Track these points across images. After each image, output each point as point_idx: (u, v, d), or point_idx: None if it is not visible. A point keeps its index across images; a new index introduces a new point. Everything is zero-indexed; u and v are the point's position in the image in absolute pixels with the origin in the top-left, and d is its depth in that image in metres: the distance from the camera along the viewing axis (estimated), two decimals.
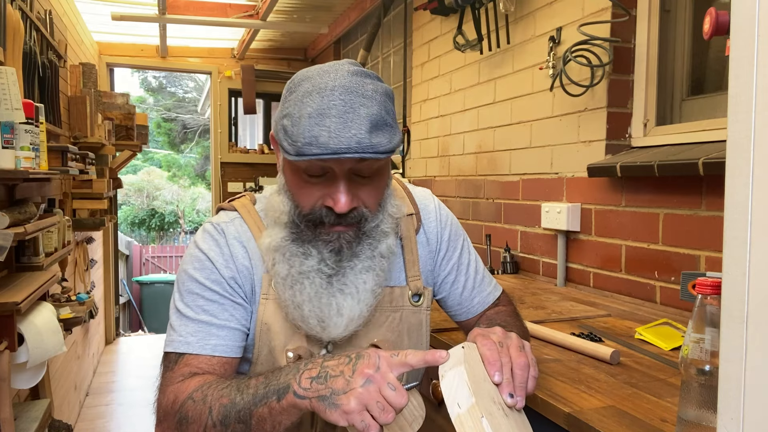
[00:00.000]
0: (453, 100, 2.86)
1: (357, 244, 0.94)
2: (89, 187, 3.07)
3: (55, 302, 2.47)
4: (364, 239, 0.95)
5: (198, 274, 0.98)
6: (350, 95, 0.86)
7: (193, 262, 0.99)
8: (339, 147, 0.83)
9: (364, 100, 0.87)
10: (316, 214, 0.92)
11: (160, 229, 14.52)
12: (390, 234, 0.98)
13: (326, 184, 0.91)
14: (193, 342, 0.95)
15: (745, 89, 0.53)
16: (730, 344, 0.55)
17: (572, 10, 2.04)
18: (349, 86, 0.87)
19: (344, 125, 0.84)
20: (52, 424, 2.12)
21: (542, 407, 1.03)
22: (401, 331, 1.05)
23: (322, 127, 0.84)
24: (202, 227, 1.04)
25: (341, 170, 0.89)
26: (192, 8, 4.29)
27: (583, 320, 1.58)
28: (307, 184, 0.92)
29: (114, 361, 4.94)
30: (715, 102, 1.71)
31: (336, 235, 0.93)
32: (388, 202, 0.98)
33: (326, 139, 0.84)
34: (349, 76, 0.89)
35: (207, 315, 0.96)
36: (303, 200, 0.93)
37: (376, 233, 0.96)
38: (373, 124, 0.86)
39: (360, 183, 0.92)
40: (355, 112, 0.85)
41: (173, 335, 0.97)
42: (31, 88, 2.38)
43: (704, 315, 0.75)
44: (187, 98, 16.50)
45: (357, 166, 0.89)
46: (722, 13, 0.86)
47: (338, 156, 0.84)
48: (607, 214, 1.93)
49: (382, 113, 0.88)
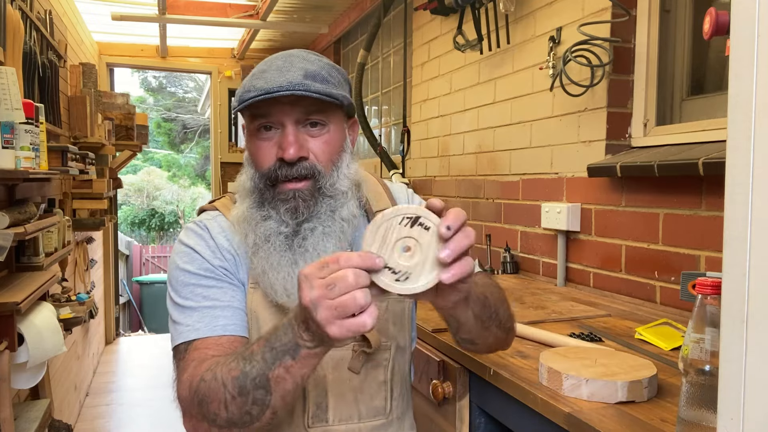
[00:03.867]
0: (453, 100, 2.86)
1: (314, 203, 0.97)
2: (89, 187, 3.07)
3: (55, 302, 2.47)
4: (321, 198, 0.97)
5: (190, 266, 0.99)
6: (291, 57, 0.98)
7: (182, 257, 1.01)
8: (272, 87, 0.92)
9: (304, 62, 0.97)
10: (271, 170, 0.97)
11: (160, 229, 14.52)
12: (350, 197, 1.00)
13: (278, 139, 0.97)
14: (202, 327, 0.95)
15: (745, 89, 0.53)
16: (730, 344, 0.55)
17: (572, 10, 2.04)
18: (293, 53, 0.99)
19: (280, 74, 0.94)
20: (52, 424, 2.12)
21: (542, 407, 1.03)
22: (387, 319, 1.07)
23: (260, 79, 0.94)
24: (184, 227, 1.07)
25: (289, 120, 0.95)
26: (192, 8, 4.30)
27: (583, 320, 1.58)
28: (263, 143, 0.97)
29: (114, 361, 4.94)
30: (715, 102, 1.71)
31: (292, 193, 0.96)
32: (344, 163, 1.01)
33: (262, 84, 0.93)
34: (298, 51, 1.01)
35: (209, 300, 0.97)
36: (260, 159, 0.98)
37: (334, 192, 0.98)
38: (309, 75, 0.94)
39: (310, 135, 0.97)
40: (292, 65, 0.95)
41: (179, 328, 0.97)
42: (31, 88, 2.38)
43: (704, 315, 0.75)
44: (187, 98, 16.50)
45: (304, 117, 0.96)
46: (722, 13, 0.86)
47: (270, 95, 0.91)
48: (607, 214, 1.93)
49: (322, 72, 0.96)
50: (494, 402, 1.25)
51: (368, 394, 1.05)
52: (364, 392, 1.05)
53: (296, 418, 1.02)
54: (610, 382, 0.99)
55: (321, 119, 0.97)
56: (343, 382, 1.04)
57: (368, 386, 1.05)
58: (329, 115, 0.98)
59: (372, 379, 1.06)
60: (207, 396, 0.84)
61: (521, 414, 1.13)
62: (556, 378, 1.04)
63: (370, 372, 1.05)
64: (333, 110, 0.99)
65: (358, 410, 1.04)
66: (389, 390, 1.07)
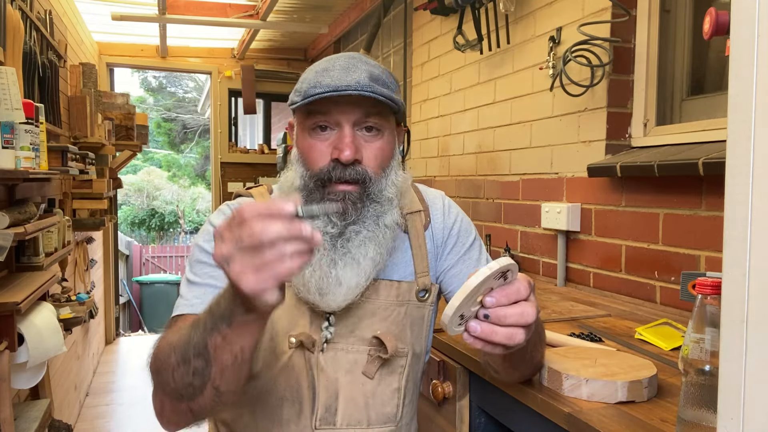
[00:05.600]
0: (453, 100, 2.86)
1: (362, 206, 0.98)
2: (89, 187, 3.07)
3: (55, 302, 2.47)
4: (369, 203, 0.98)
5: (207, 245, 1.00)
6: (354, 59, 0.98)
7: (204, 235, 1.02)
8: (340, 85, 0.92)
9: (367, 64, 0.98)
10: (324, 170, 0.97)
11: (160, 229, 14.51)
12: (395, 204, 1.01)
13: (333, 139, 0.97)
14: (197, 304, 0.95)
15: (745, 89, 0.53)
16: (730, 344, 0.55)
17: (572, 10, 2.04)
18: (354, 56, 0.99)
19: (347, 73, 0.94)
20: (52, 424, 2.12)
21: (542, 407, 1.03)
22: (405, 324, 1.06)
23: (326, 76, 0.94)
24: (218, 208, 1.08)
25: (347, 121, 0.96)
26: (192, 8, 4.29)
27: (583, 320, 1.58)
28: (317, 142, 0.98)
29: (114, 361, 4.94)
30: (715, 102, 1.71)
31: (342, 194, 0.97)
32: (393, 170, 1.02)
33: (329, 81, 0.93)
34: (358, 54, 1.01)
35: (213, 279, 0.98)
36: (313, 158, 0.98)
37: (381, 198, 0.99)
38: (373, 77, 0.95)
39: (364, 140, 0.98)
40: (357, 67, 0.96)
41: (179, 301, 0.98)
42: (31, 88, 2.38)
43: (704, 315, 0.75)
44: (187, 98, 16.49)
45: (363, 118, 0.96)
46: (722, 13, 0.86)
47: (339, 93, 0.91)
48: (607, 214, 1.93)
49: (383, 76, 0.97)
50: (494, 402, 1.25)
51: (380, 400, 1.04)
52: (377, 398, 1.04)
53: (303, 419, 1.01)
54: (610, 382, 0.99)
55: (377, 123, 0.98)
56: (356, 387, 1.03)
57: (381, 392, 1.05)
58: (385, 120, 0.99)
59: (386, 386, 1.05)
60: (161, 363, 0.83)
61: (521, 414, 1.13)
62: (556, 378, 1.04)
63: (385, 378, 1.05)
64: (389, 115, 1.00)
65: (367, 416, 1.03)
66: (402, 397, 1.06)
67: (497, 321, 0.75)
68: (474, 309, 0.77)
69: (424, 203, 1.14)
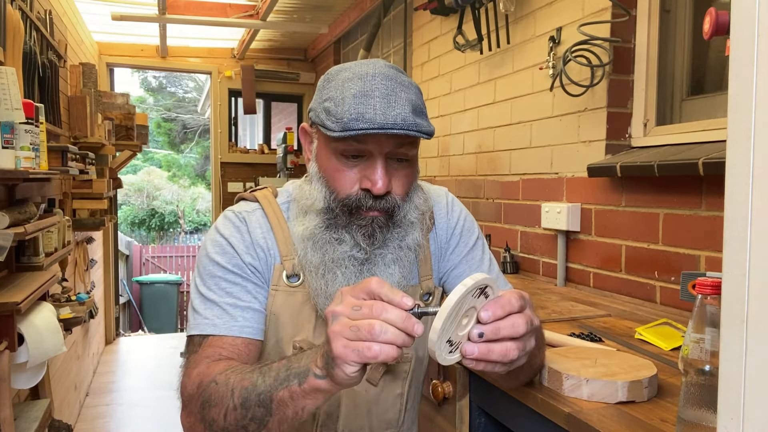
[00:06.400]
0: (453, 100, 2.86)
1: (387, 231, 0.96)
2: (89, 187, 3.06)
3: (55, 302, 2.47)
4: (393, 228, 0.97)
5: (219, 258, 0.99)
6: (390, 82, 0.92)
7: (215, 247, 1.00)
8: (386, 122, 0.87)
9: (404, 88, 0.92)
10: (352, 198, 0.94)
11: (160, 229, 14.51)
12: (416, 226, 1.00)
13: (363, 167, 0.94)
14: (220, 324, 0.95)
15: (745, 89, 0.53)
16: (730, 344, 0.55)
17: (572, 10, 2.04)
18: (388, 74, 0.93)
19: (389, 104, 0.88)
20: (52, 424, 2.12)
21: (542, 407, 1.03)
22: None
23: (368, 106, 0.88)
24: (223, 214, 1.05)
25: (380, 152, 0.92)
26: (192, 8, 4.29)
27: (583, 320, 1.58)
28: (345, 168, 0.94)
29: (114, 361, 4.94)
30: (715, 102, 1.71)
31: (370, 219, 0.95)
32: (416, 193, 1.01)
33: (372, 115, 0.87)
34: (386, 67, 0.95)
35: (231, 297, 0.97)
36: (340, 184, 0.95)
37: (404, 223, 0.98)
38: (414, 108, 0.91)
39: (393, 168, 0.95)
40: (397, 95, 0.90)
41: (198, 318, 0.97)
42: (31, 88, 2.38)
43: (704, 315, 0.75)
44: (187, 98, 16.49)
45: (395, 149, 0.93)
46: (722, 13, 0.86)
47: (385, 131, 0.87)
48: (607, 214, 1.93)
49: (419, 103, 0.94)
50: (494, 402, 1.25)
51: (383, 406, 1.04)
52: (380, 404, 1.04)
53: (305, 425, 1.01)
54: (610, 382, 0.99)
55: (407, 155, 0.96)
56: (359, 394, 1.02)
57: (384, 399, 1.04)
58: (415, 147, 0.97)
59: (389, 392, 1.04)
60: (212, 399, 0.83)
61: (521, 414, 1.13)
62: (556, 378, 1.04)
63: (389, 384, 1.04)
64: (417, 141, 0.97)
65: (369, 422, 1.03)
66: (404, 402, 1.06)
67: (492, 336, 0.72)
68: (461, 333, 0.73)
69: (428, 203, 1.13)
